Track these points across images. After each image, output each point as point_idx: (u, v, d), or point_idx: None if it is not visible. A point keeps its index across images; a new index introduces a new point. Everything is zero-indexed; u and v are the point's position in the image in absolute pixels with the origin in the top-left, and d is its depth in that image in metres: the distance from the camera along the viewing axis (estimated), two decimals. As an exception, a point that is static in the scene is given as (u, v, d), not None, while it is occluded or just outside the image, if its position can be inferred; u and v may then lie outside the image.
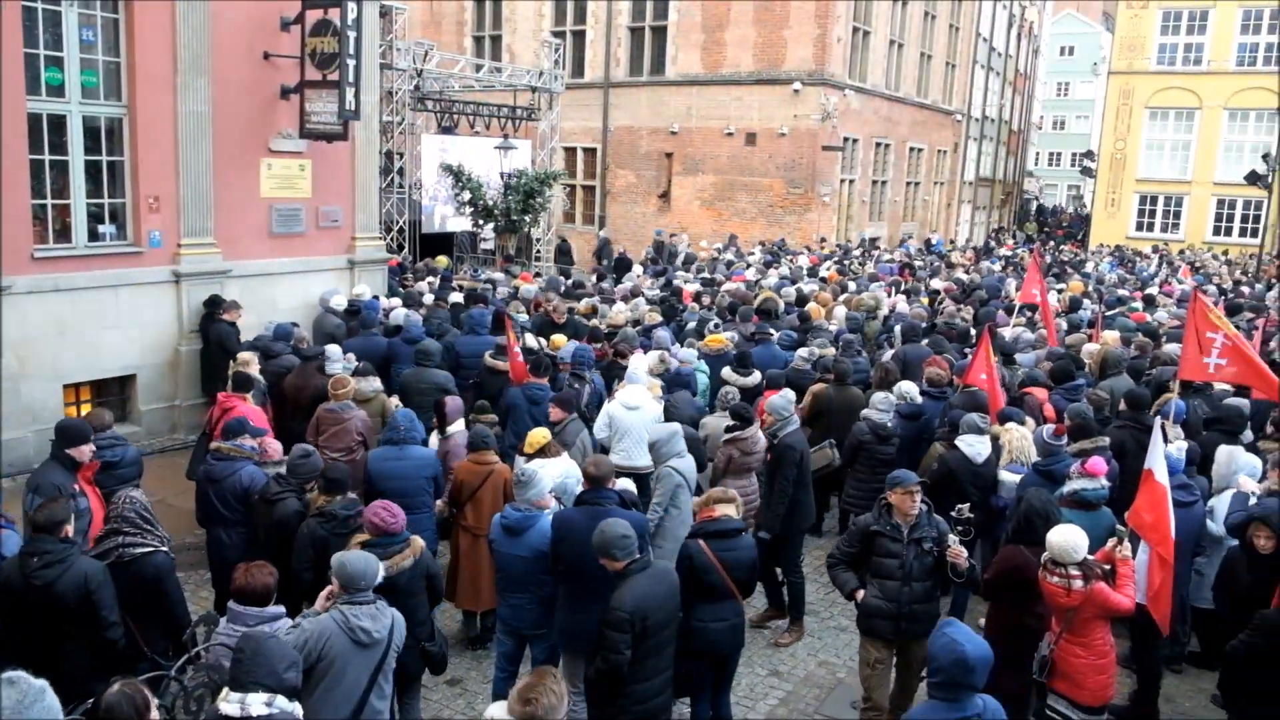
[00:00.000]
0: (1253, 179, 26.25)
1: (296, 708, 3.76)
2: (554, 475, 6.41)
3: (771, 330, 11.47)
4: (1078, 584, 5.24)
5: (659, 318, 12.24)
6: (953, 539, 5.64)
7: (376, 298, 12.39)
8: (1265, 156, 26.35)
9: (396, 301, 12.40)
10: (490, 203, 19.44)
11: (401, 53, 19.16)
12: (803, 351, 10.44)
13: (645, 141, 29.12)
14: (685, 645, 5.61)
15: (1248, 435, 8.12)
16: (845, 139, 28.02)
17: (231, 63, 10.96)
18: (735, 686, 6.65)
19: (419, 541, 5.48)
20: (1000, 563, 5.90)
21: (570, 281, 16.33)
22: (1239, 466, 7.31)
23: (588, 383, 9.28)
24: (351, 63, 10.96)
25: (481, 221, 20.04)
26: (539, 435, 7.01)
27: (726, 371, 9.65)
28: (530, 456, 6.81)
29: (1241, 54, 36.00)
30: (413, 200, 20.69)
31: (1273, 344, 11.88)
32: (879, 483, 8.45)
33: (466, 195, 19.33)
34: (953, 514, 5.82)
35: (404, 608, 4.96)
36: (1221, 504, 7.04)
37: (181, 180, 10.67)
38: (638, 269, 19.08)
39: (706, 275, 17.70)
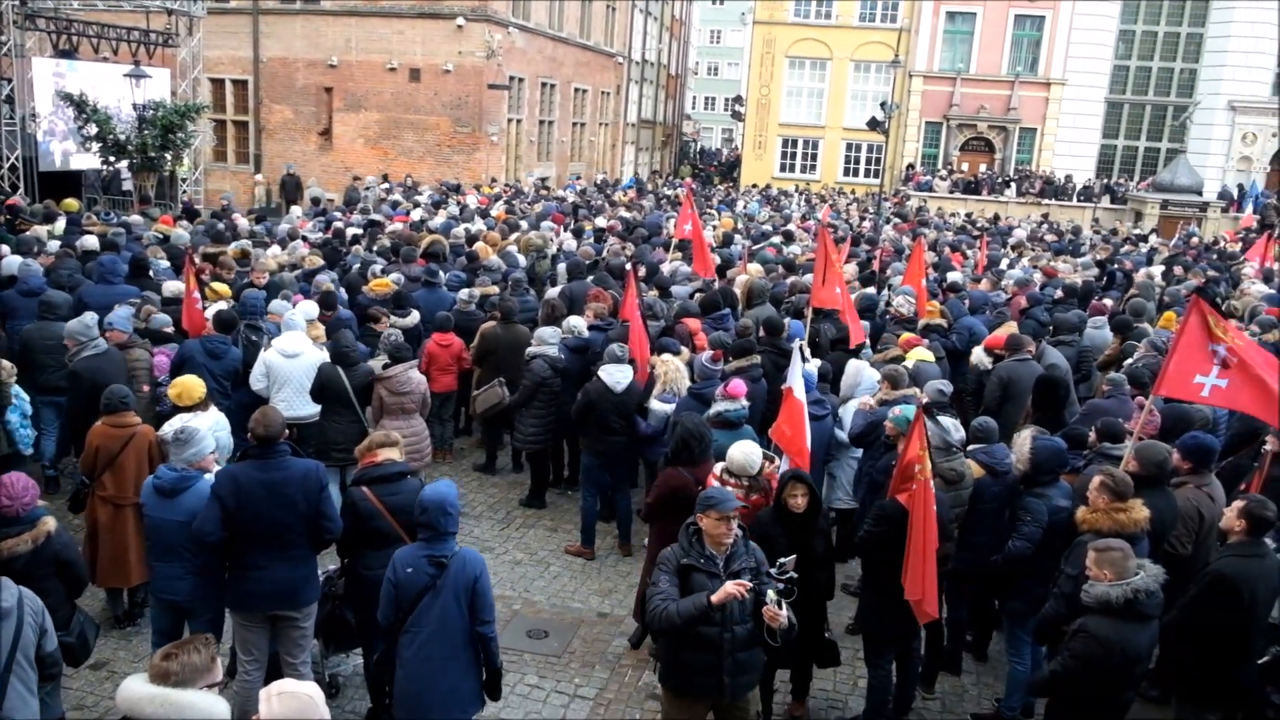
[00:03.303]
0: (873, 125, 29.23)
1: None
2: (205, 429, 6.01)
3: (439, 272, 11.31)
4: (754, 495, 5.80)
5: (320, 261, 11.68)
6: (771, 596, 4.41)
7: (-23, 245, 10.80)
8: (883, 104, 29.40)
9: (5, 249, 10.88)
10: (122, 137, 17.49)
11: (-2, -39, 16.65)
12: (463, 293, 10.42)
13: (302, 75, 27.40)
14: (354, 592, 5.51)
15: (868, 353, 9.14)
16: (511, 78, 27.96)
17: None
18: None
19: (45, 525, 4.91)
20: (661, 485, 6.27)
21: (222, 225, 15.13)
22: (863, 379, 8.23)
23: (265, 333, 8.72)
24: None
25: (112, 159, 18.00)
26: (196, 386, 6.51)
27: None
28: (189, 409, 6.32)
29: (864, 10, 39.83)
30: (26, 134, 18.18)
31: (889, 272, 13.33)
32: (552, 417, 8.76)
33: (93, 129, 17.26)
34: (772, 570, 4.56)
35: (27, 595, 4.43)
36: (848, 413, 7.87)
37: None
38: (296, 210, 18.03)
39: (372, 217, 17.07)
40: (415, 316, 9.57)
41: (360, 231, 14.63)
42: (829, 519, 7.85)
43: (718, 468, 6.05)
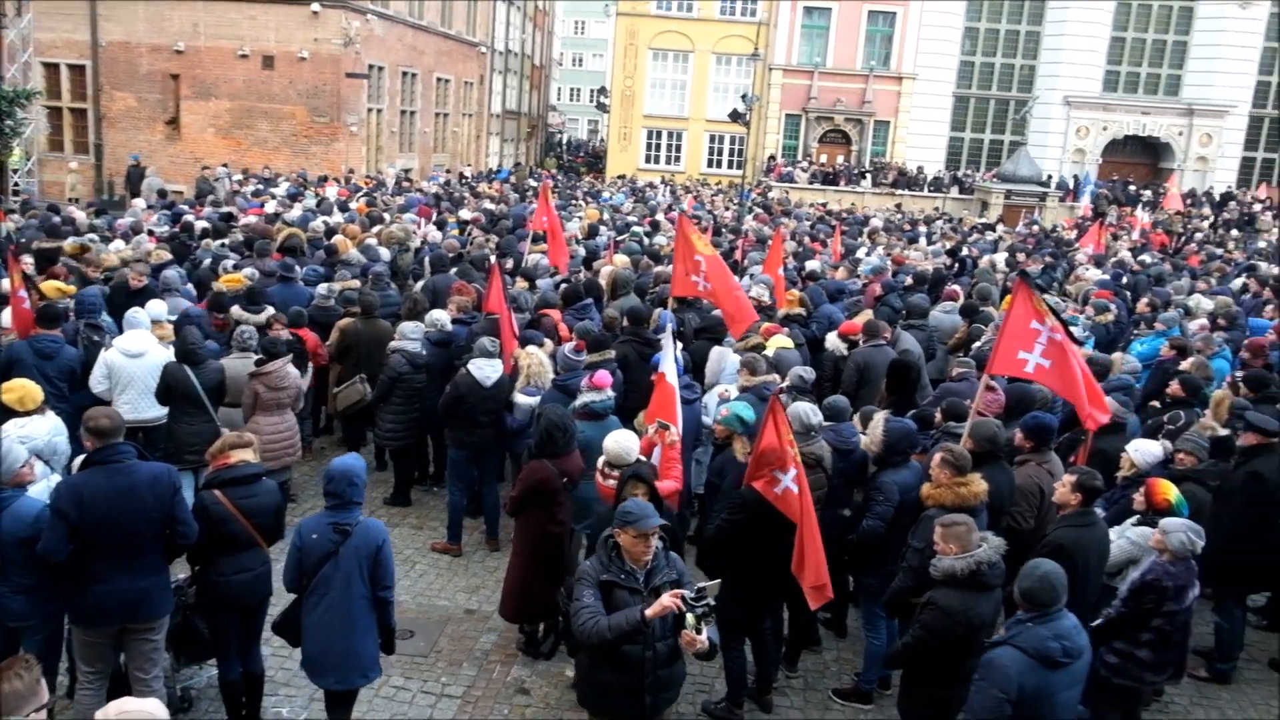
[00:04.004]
0: (734, 117, 29.65)
1: None
2: (41, 434, 5.70)
3: (296, 266, 10.95)
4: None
5: (167, 256, 11.14)
6: (690, 621, 4.12)
7: None
8: (744, 96, 29.90)
9: None
10: (-58, 126, 16.29)
11: None
12: (321, 288, 10.12)
13: (146, 60, 26.01)
14: (206, 600, 5.30)
15: (730, 340, 9.31)
16: (370, 66, 27.25)
17: None
18: (269, 638, 6.41)
19: None
20: (526, 478, 6.24)
21: (58, 218, 14.25)
22: (726, 366, 8.38)
23: (106, 332, 8.26)
24: None
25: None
26: (35, 389, 6.12)
27: (236, 310, 9.05)
28: (26, 414, 5.95)
29: (725, 4, 40.44)
30: None
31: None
32: (415, 412, 8.61)
33: (-94, 115, 16.01)
34: (688, 594, 4.19)
35: None
36: (712, 400, 7.99)
37: None
38: (139, 203, 17.14)
39: (224, 209, 16.40)
40: (269, 312, 9.22)
41: (209, 225, 14.02)
42: (691, 507, 7.99)
43: (600, 461, 6.06)
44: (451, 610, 7.22)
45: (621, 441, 5.96)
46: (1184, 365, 8.76)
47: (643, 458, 6.08)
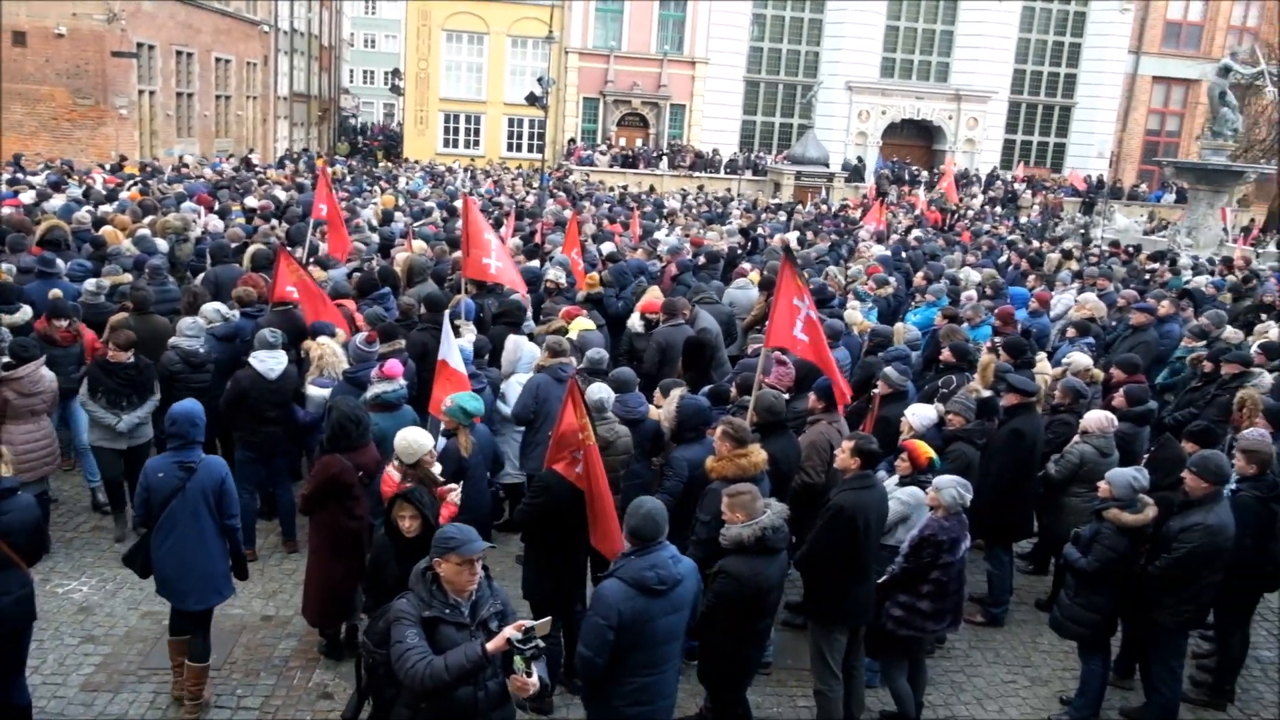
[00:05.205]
0: (531, 100, 29.52)
1: None
2: None
3: (58, 260, 10.10)
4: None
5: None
6: (519, 664, 3.75)
7: None
8: (540, 79, 29.76)
9: None
10: None
11: None
12: (89, 284, 9.37)
13: None
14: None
15: (530, 325, 9.29)
16: (140, 45, 25.44)
17: None
18: (39, 665, 5.96)
19: None
20: (319, 473, 6.00)
21: None
22: (523, 354, 8.35)
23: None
24: None
25: None
26: None
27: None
28: None
29: (517, -14, 40.12)
30: None
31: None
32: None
33: None
34: (515, 637, 3.77)
35: None
36: (511, 388, 7.95)
37: None
38: None
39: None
40: (27, 312, 8.46)
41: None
42: (500, 494, 7.94)
43: (395, 460, 5.87)
44: (246, 618, 6.88)
45: (409, 438, 5.71)
46: (940, 333, 9.44)
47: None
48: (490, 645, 3.80)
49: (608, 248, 13.26)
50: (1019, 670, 6.98)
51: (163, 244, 12.04)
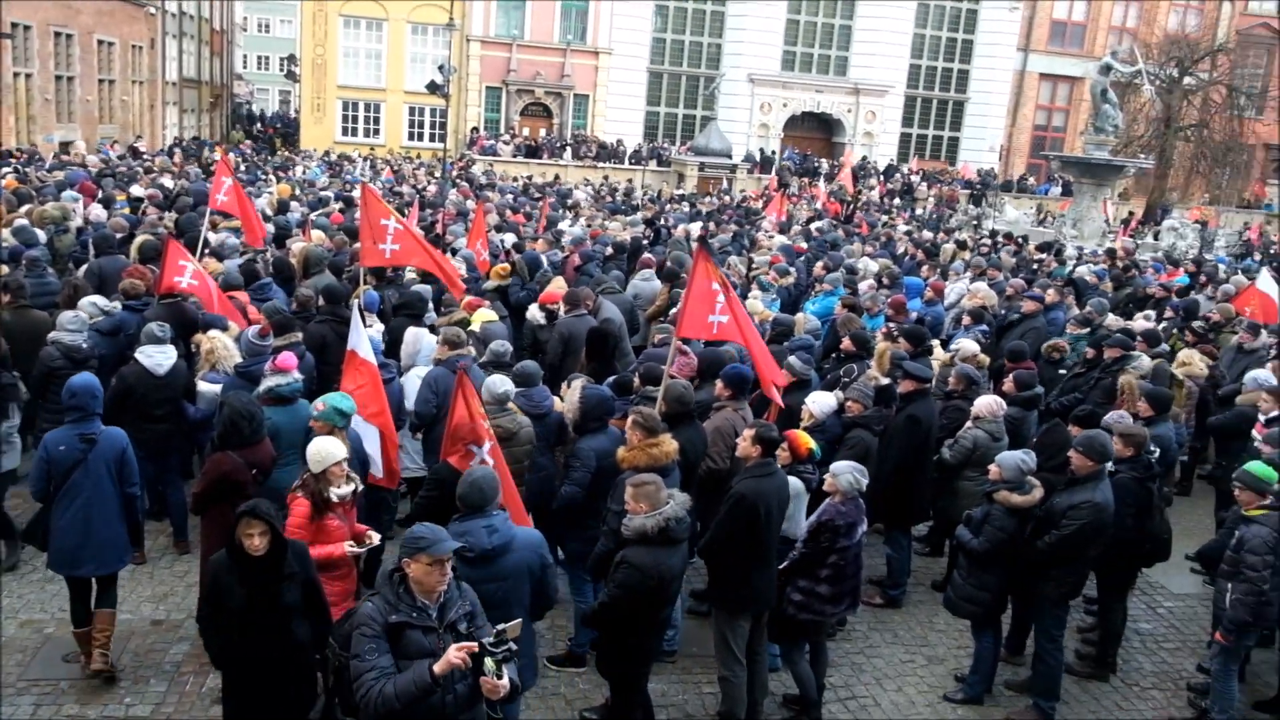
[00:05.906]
0: (433, 88, 29.00)
1: None
2: None
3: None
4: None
5: None
6: (489, 666, 3.66)
7: None
8: (441, 68, 29.26)
9: None
10: None
11: None
12: (-40, 277, 8.89)
13: None
14: None
15: (432, 317, 9.15)
16: (14, 25, 24.17)
17: None
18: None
19: None
20: (211, 471, 5.80)
21: None
22: (422, 346, 8.23)
23: None
24: None
25: None
26: None
27: None
28: None
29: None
30: None
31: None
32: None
33: None
34: (487, 640, 3.70)
35: None
36: (410, 383, 7.81)
37: None
38: None
39: None
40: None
41: None
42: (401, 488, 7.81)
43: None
44: (135, 623, 6.62)
45: (321, 446, 5.39)
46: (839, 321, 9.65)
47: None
48: (437, 667, 3.69)
49: (510, 239, 13.14)
50: (916, 650, 7.18)
51: (42, 234, 11.49)
